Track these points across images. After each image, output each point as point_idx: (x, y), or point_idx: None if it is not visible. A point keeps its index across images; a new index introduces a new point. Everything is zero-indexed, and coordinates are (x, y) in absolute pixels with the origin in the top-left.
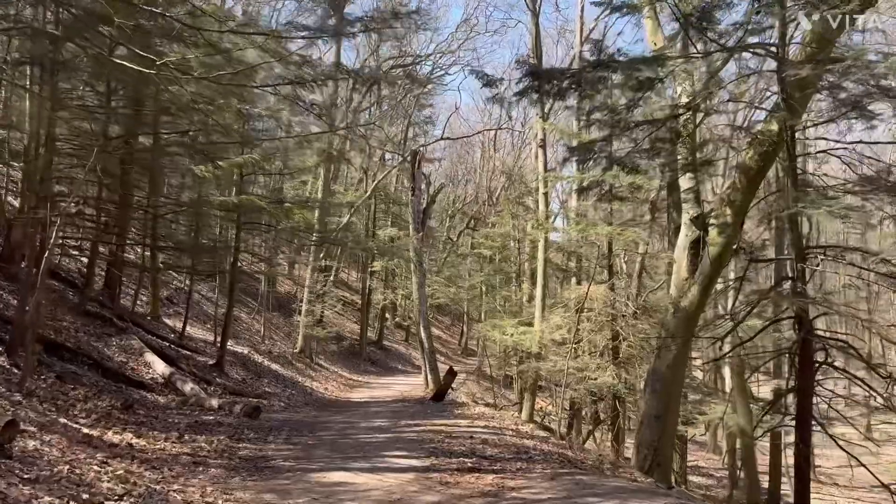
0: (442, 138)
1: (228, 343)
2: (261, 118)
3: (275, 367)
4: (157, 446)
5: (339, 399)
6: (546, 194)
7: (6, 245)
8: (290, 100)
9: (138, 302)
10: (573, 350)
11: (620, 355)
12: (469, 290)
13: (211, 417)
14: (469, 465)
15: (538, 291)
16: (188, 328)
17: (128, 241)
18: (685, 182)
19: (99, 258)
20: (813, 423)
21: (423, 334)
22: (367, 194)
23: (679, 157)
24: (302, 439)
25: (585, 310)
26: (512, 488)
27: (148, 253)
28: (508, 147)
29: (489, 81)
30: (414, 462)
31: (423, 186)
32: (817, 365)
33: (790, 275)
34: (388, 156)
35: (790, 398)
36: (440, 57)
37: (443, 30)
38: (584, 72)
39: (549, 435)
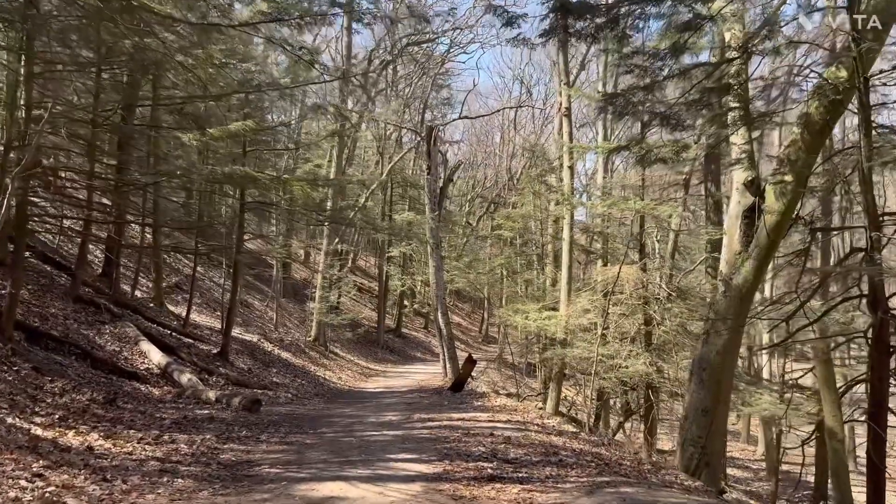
0: (461, 117)
1: (237, 331)
2: (250, 73)
3: (285, 355)
4: (125, 449)
5: (353, 389)
6: (571, 168)
7: None
8: (276, 42)
9: (143, 289)
10: (602, 336)
11: (654, 341)
12: (489, 275)
13: (205, 412)
14: (489, 471)
15: (563, 273)
16: (195, 315)
17: (126, 220)
18: (737, 139)
19: (94, 240)
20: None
21: (440, 321)
22: (383, 176)
23: (729, 111)
24: (299, 438)
25: (615, 293)
26: None
27: (149, 236)
28: (529, 129)
29: (510, 19)
30: (424, 468)
31: (439, 165)
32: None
33: (862, 246)
34: (405, 140)
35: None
36: (458, 34)
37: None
38: (622, 3)
39: (578, 430)
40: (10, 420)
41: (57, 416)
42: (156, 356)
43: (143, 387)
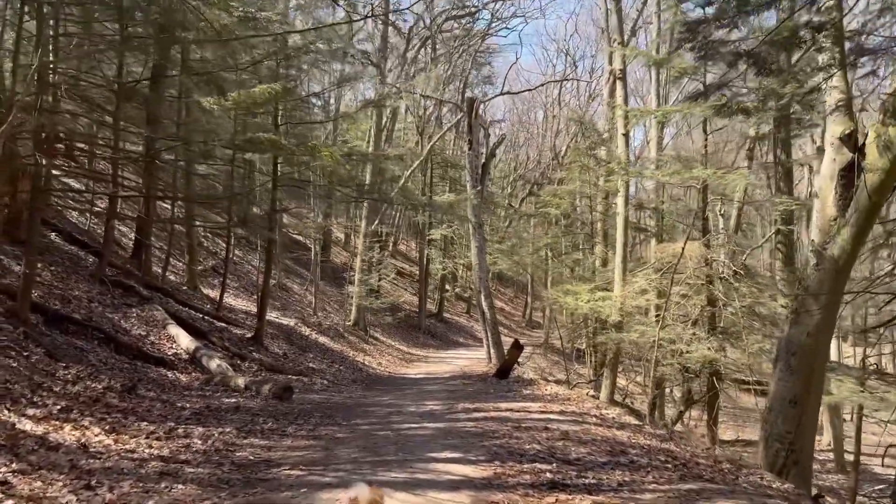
0: (503, 93)
1: (273, 315)
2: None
3: (323, 340)
4: (127, 447)
5: (393, 375)
6: (626, 136)
7: (13, 205)
8: None
9: (178, 272)
10: (663, 318)
11: (719, 324)
12: (534, 255)
13: (231, 400)
14: (548, 475)
15: (618, 251)
16: (231, 299)
17: (155, 194)
18: (836, 82)
19: (124, 220)
20: None
21: (483, 304)
22: (423, 156)
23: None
24: (330, 431)
25: (676, 271)
26: None
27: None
28: (574, 106)
29: None
30: (470, 471)
31: (480, 139)
32: None
33: None
34: (444, 119)
35: None
36: (499, 6)
37: None
38: None
39: (640, 422)
40: None
41: (58, 408)
42: (184, 341)
43: (170, 373)
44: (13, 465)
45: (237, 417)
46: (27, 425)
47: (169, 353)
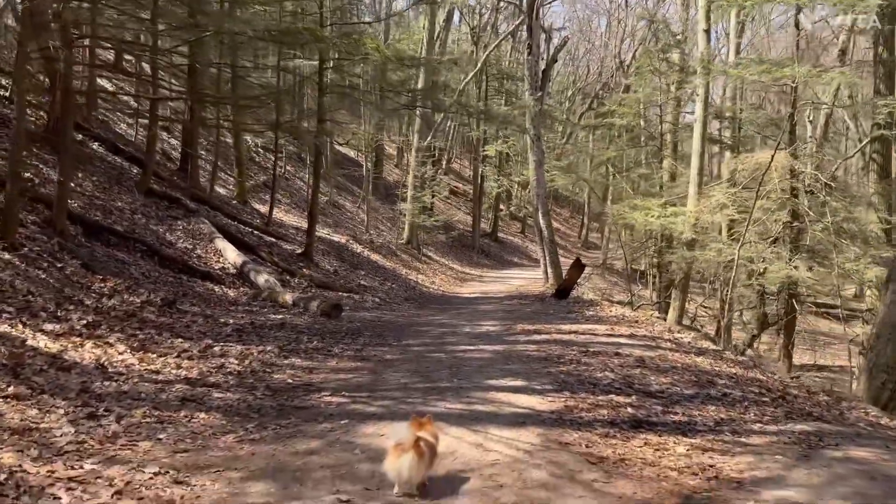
0: None
1: (325, 232)
2: None
3: (375, 257)
4: (152, 367)
5: (446, 294)
6: (707, 33)
7: (51, 112)
8: None
9: (228, 186)
10: (744, 235)
11: (806, 242)
12: (594, 171)
13: (278, 317)
14: (629, 410)
15: (693, 162)
16: (282, 215)
17: (200, 96)
18: None
19: (166, 128)
20: None
21: (541, 222)
22: (478, 65)
23: None
24: (379, 352)
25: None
26: (740, 483)
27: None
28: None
29: None
30: (537, 402)
31: (541, 43)
32: None
33: None
34: (500, 28)
35: None
36: None
37: None
38: None
39: (719, 348)
40: (2, 328)
41: (83, 323)
42: (231, 255)
43: (217, 287)
44: (10, 388)
45: (282, 335)
46: (41, 342)
47: (216, 268)
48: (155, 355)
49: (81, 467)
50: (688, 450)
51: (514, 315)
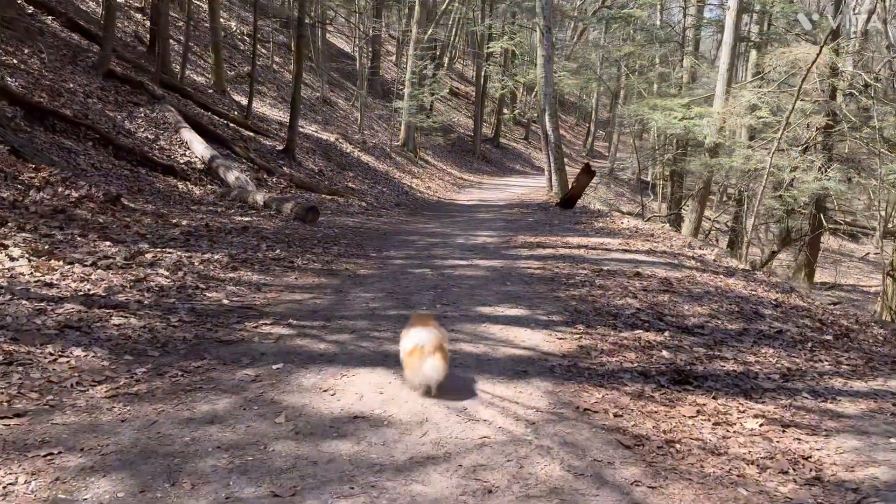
0: None
1: (312, 129)
2: None
3: (366, 159)
4: (46, 278)
5: (442, 200)
6: None
7: None
8: None
9: (205, 72)
10: (779, 140)
11: (842, 149)
12: (606, 71)
13: (245, 219)
14: (665, 355)
15: (724, 55)
16: (266, 109)
17: None
18: None
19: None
20: None
21: (548, 124)
22: None
23: None
24: (353, 264)
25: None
26: (858, 492)
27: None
28: None
29: None
30: (542, 340)
31: None
32: None
33: None
34: None
35: None
36: None
37: None
38: None
39: (746, 267)
40: None
41: None
42: (199, 148)
43: (181, 184)
44: None
45: (239, 241)
46: None
47: (181, 162)
48: (61, 262)
49: None
50: (761, 425)
51: (514, 225)
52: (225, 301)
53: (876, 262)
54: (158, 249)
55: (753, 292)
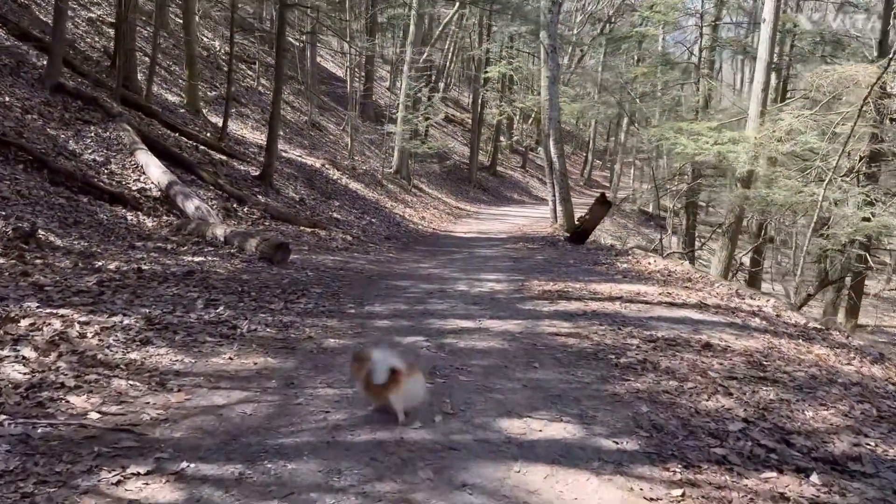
0: None
1: (297, 153)
2: None
3: (355, 186)
4: None
5: (437, 232)
6: None
7: None
8: None
9: (178, 90)
10: (833, 170)
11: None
12: (602, 100)
13: (195, 260)
14: None
15: (759, 73)
16: (245, 131)
17: None
18: None
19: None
20: None
21: (552, 150)
22: None
23: None
24: (318, 331)
25: (833, 109)
26: None
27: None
28: None
29: None
30: (619, 499)
31: None
32: None
33: None
34: None
35: None
36: None
37: None
38: None
39: (818, 325)
40: None
41: None
42: (155, 172)
43: (131, 215)
44: None
45: (173, 294)
46: None
47: (133, 189)
48: None
49: None
50: None
51: (523, 265)
52: (92, 415)
53: None
54: (49, 311)
55: (858, 370)
